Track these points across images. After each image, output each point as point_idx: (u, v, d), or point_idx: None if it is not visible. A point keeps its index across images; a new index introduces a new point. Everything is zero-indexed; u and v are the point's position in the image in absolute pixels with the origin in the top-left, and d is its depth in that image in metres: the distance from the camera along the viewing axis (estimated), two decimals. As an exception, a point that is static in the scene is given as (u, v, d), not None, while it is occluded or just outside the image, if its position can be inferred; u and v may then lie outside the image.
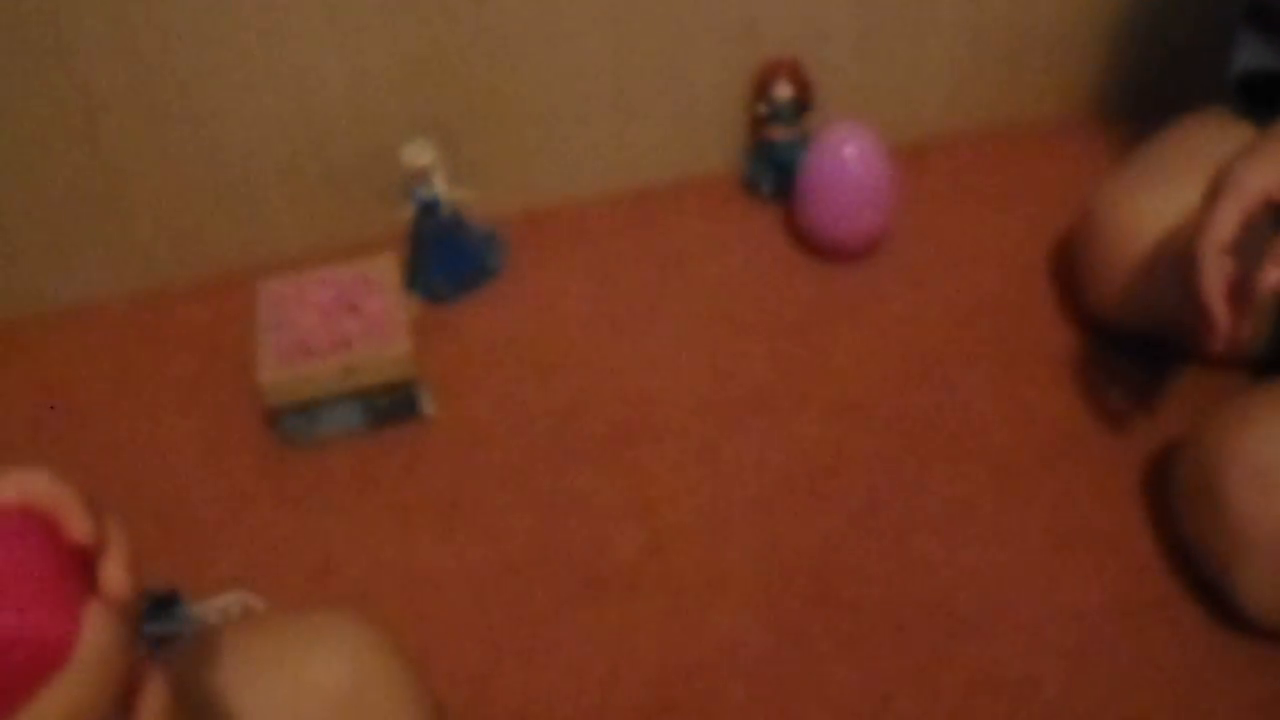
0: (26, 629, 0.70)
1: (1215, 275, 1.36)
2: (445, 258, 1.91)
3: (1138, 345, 1.75)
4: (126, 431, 1.84)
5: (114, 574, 0.75)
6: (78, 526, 0.75)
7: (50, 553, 0.75)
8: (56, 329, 1.97)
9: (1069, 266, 1.86)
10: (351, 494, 1.73)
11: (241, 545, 1.68)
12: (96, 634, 0.72)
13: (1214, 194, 1.38)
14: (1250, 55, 1.73)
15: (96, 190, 1.89)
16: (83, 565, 0.76)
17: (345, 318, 1.74)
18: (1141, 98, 2.10)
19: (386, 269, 1.81)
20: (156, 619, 1.50)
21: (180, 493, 1.74)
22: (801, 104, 1.95)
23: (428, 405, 1.78)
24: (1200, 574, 1.53)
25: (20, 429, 1.85)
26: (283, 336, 1.73)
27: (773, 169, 1.99)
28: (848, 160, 1.87)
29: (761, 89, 1.95)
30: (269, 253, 1.97)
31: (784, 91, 1.94)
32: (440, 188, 1.85)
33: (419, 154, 1.82)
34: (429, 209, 1.86)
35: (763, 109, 1.96)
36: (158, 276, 2.01)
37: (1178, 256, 1.51)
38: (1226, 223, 1.35)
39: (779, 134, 1.96)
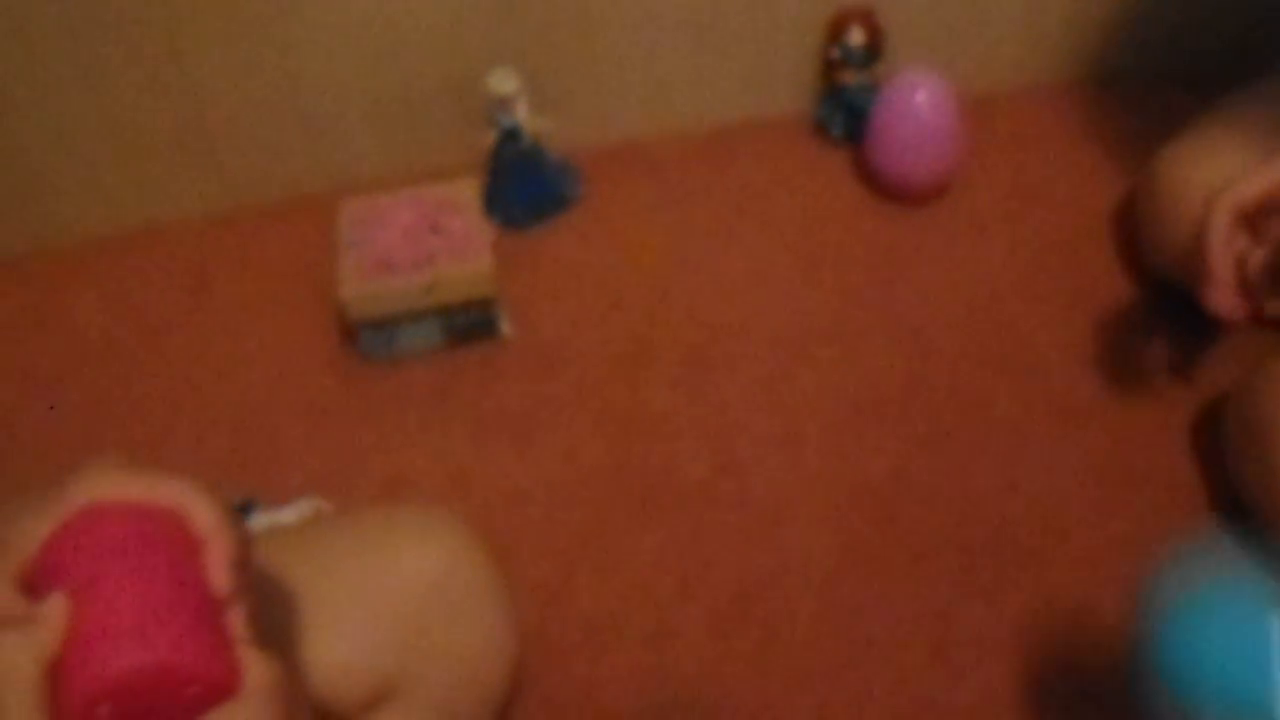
0: (197, 669, 0.75)
1: (1222, 233, 1.35)
2: (523, 185, 1.93)
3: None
4: (203, 346, 1.86)
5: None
6: (220, 562, 0.80)
7: (197, 578, 0.79)
8: (134, 249, 1.99)
9: (1130, 223, 1.88)
10: (428, 409, 1.76)
11: (317, 457, 1.71)
12: (261, 672, 0.77)
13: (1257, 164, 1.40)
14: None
15: (179, 113, 1.91)
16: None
17: (427, 236, 1.77)
18: (1212, 60, 2.10)
19: (467, 192, 1.83)
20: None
21: (257, 406, 1.77)
22: (873, 51, 1.97)
23: (505, 325, 1.81)
24: (1250, 513, 1.56)
25: (97, 345, 1.88)
26: (364, 253, 1.75)
27: (843, 112, 2.01)
28: (919, 106, 1.90)
29: (835, 35, 1.98)
30: (348, 178, 1.98)
31: (856, 38, 1.96)
32: (522, 115, 1.87)
33: (504, 82, 1.84)
34: (511, 136, 1.88)
35: (836, 54, 1.99)
36: (236, 199, 2.02)
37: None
38: (1252, 189, 1.34)
39: (850, 79, 1.98)
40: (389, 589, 1.18)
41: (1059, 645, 1.51)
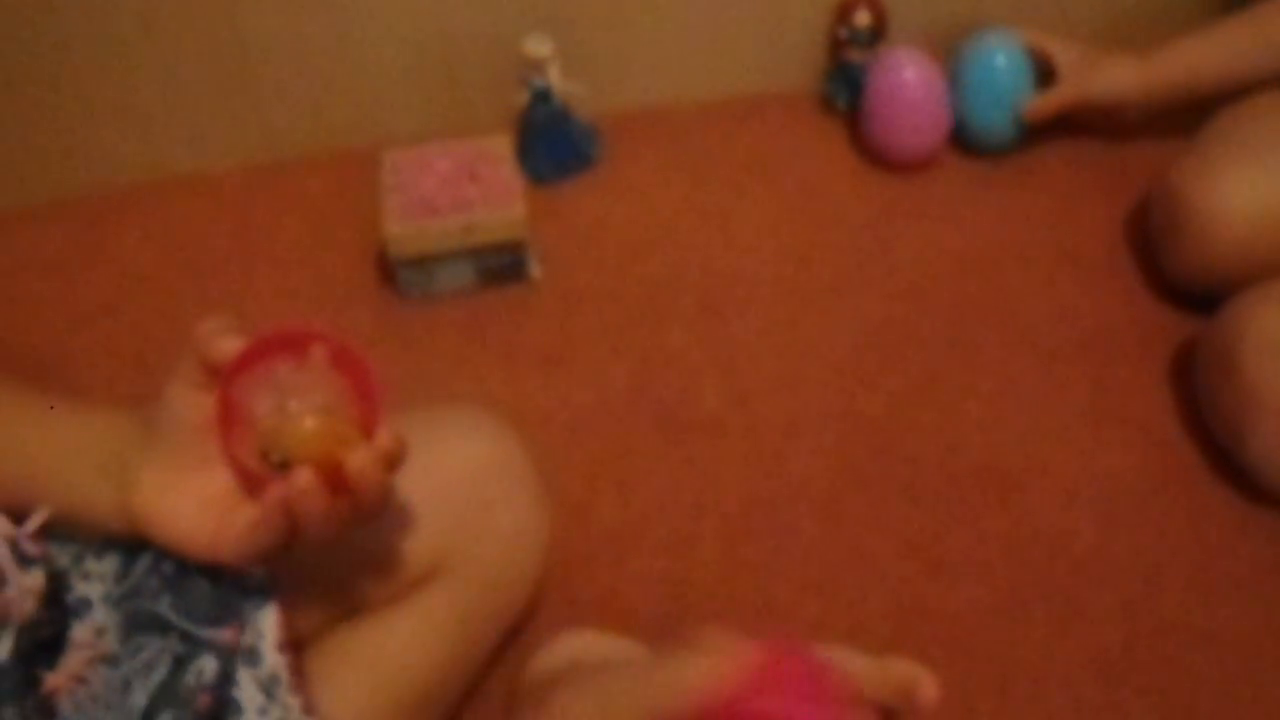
0: None
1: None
2: (551, 144, 2.02)
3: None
4: (245, 284, 1.93)
5: None
6: None
7: None
8: (179, 194, 2.07)
9: (1142, 230, 1.96)
10: (461, 343, 1.84)
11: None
12: None
13: None
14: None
15: (228, 65, 1.98)
16: None
17: (465, 183, 1.85)
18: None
19: (503, 145, 1.91)
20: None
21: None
22: (877, 32, 2.07)
23: (534, 269, 1.90)
24: (1219, 448, 1.66)
25: (139, 285, 1.95)
26: (407, 196, 1.83)
27: (848, 88, 2.11)
28: (908, 82, 2.01)
29: (843, 15, 2.07)
30: (388, 133, 2.05)
31: (862, 19, 2.06)
32: (555, 78, 1.96)
33: (539, 45, 1.93)
34: (542, 97, 1.97)
35: (843, 33, 2.08)
36: (278, 150, 2.10)
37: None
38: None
39: (856, 57, 2.08)
40: (438, 476, 1.22)
41: (1039, 566, 1.61)
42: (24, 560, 0.98)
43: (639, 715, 0.79)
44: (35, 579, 0.99)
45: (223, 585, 1.06)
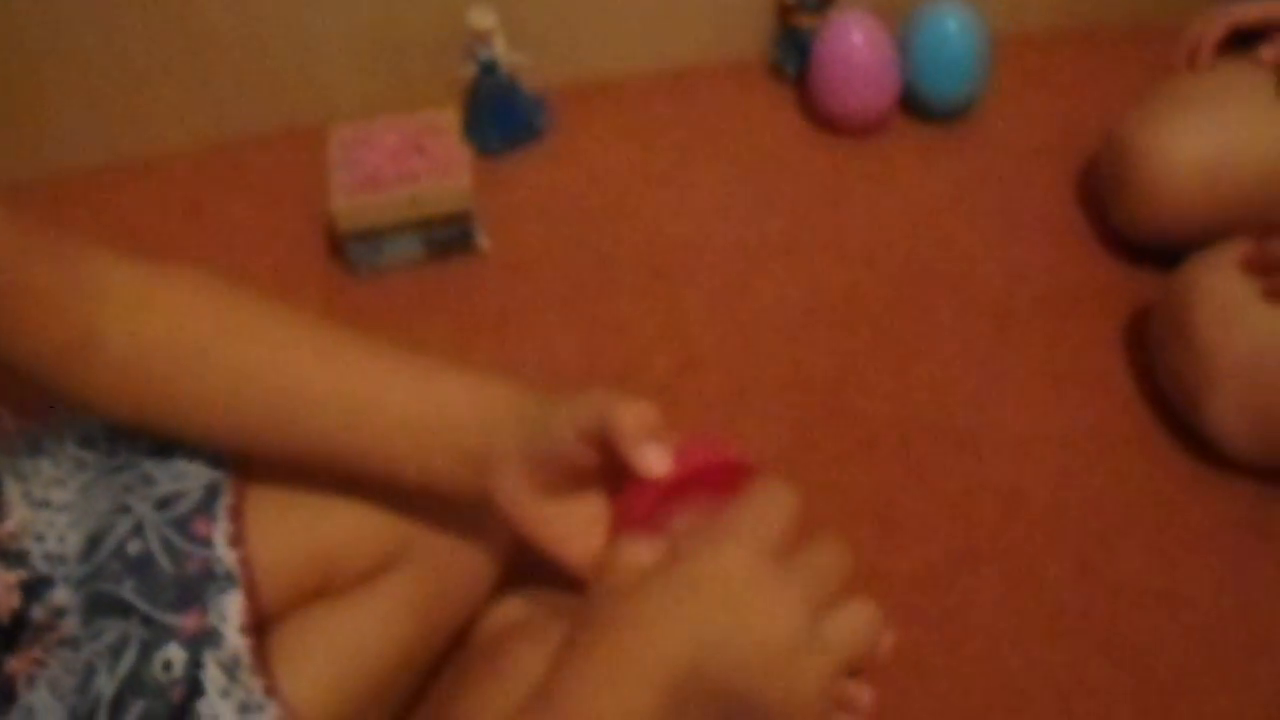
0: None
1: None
2: (499, 115, 1.97)
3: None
4: (198, 264, 1.88)
5: None
6: None
7: None
8: (130, 176, 2.01)
9: (1091, 179, 1.92)
10: (411, 314, 1.79)
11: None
12: None
13: None
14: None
15: (178, 45, 1.93)
16: None
17: (412, 156, 1.80)
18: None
19: (448, 118, 1.86)
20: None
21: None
22: (825, -2, 2.02)
23: (483, 240, 1.84)
24: (1175, 410, 1.61)
25: None
26: (353, 171, 1.78)
27: (797, 54, 2.05)
28: (856, 46, 1.95)
29: (790, -18, 2.02)
30: (334, 111, 2.00)
31: (810, -16, 2.01)
32: (500, 50, 1.90)
33: (483, 17, 1.88)
34: (488, 69, 1.92)
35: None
36: (228, 130, 2.05)
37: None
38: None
39: (804, 22, 2.02)
40: None
41: (993, 526, 1.56)
42: (4, 556, 1.00)
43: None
44: (17, 575, 1.01)
45: (188, 570, 1.04)
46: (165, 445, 1.13)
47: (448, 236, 1.82)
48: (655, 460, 0.93)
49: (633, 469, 0.93)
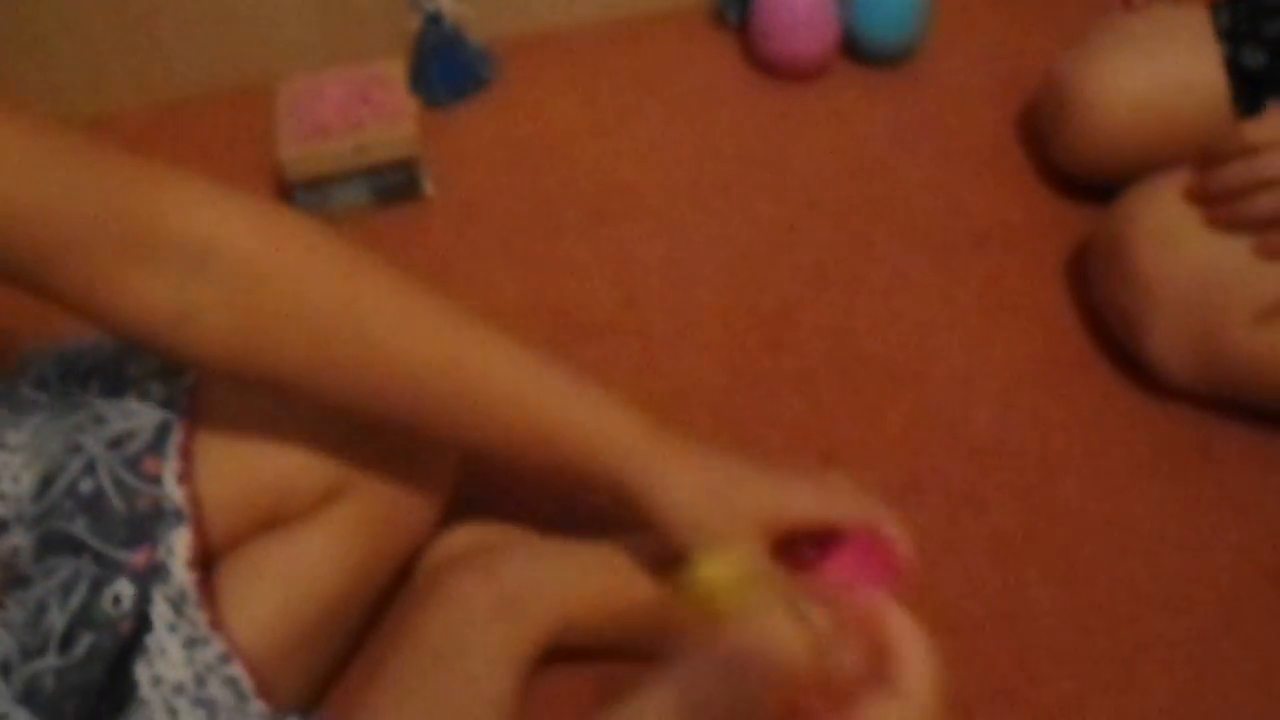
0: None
1: None
2: (444, 66, 1.95)
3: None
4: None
5: None
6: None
7: None
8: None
9: (1031, 119, 1.92)
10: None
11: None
12: None
13: None
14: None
15: (129, 4, 1.93)
16: None
17: (358, 105, 1.79)
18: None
19: (395, 68, 1.86)
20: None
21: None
22: (767, -55, 2.00)
23: (428, 186, 1.83)
24: (1115, 340, 1.60)
25: None
26: (301, 122, 1.78)
27: (739, 2, 2.04)
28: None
29: (731, -70, 2.00)
30: (285, 65, 1.98)
31: (751, -67, 1.99)
32: (445, 3, 1.90)
33: (427, -33, 1.85)
34: (433, 20, 1.91)
35: (732, -52, 2.01)
36: (179, 89, 2.04)
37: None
38: None
39: (746, -30, 2.00)
40: None
41: (935, 454, 1.54)
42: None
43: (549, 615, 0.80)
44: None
45: (139, 507, 1.04)
46: (117, 385, 1.12)
47: (394, 183, 1.81)
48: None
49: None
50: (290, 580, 1.17)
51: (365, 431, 1.16)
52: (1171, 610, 1.40)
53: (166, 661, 1.03)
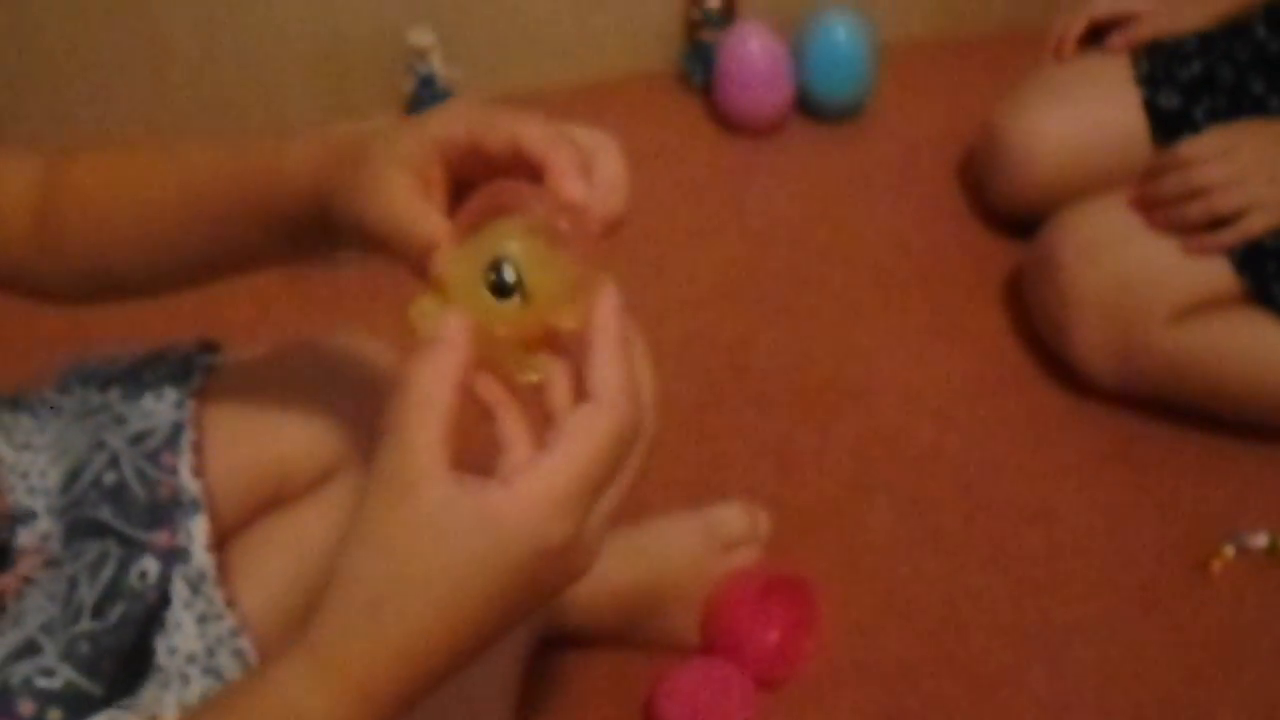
0: None
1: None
2: (435, 125, 2.03)
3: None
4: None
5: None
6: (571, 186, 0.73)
7: None
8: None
9: (953, 151, 2.04)
10: (362, 302, 1.86)
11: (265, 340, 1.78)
12: None
13: None
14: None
15: (140, 61, 2.02)
16: None
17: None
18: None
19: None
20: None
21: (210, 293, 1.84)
22: (727, 13, 2.10)
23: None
24: (1046, 349, 1.70)
25: None
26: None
27: (703, 65, 2.14)
28: (753, 53, 2.06)
29: (696, -1, 2.11)
30: (284, 119, 2.09)
31: (714, 2, 2.10)
32: (437, 65, 1.99)
33: (422, 36, 1.97)
34: (426, 83, 2.00)
35: (696, 14, 2.12)
36: (184, 129, 2.09)
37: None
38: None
39: (709, 36, 2.12)
40: (340, 379, 1.23)
41: (882, 462, 1.64)
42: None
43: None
44: (3, 507, 1.03)
45: (159, 494, 1.08)
46: (134, 390, 1.17)
47: (388, 234, 1.86)
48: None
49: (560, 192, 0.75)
50: (299, 555, 1.19)
51: (366, 403, 1.17)
52: (1098, 593, 1.50)
53: (182, 634, 1.06)
